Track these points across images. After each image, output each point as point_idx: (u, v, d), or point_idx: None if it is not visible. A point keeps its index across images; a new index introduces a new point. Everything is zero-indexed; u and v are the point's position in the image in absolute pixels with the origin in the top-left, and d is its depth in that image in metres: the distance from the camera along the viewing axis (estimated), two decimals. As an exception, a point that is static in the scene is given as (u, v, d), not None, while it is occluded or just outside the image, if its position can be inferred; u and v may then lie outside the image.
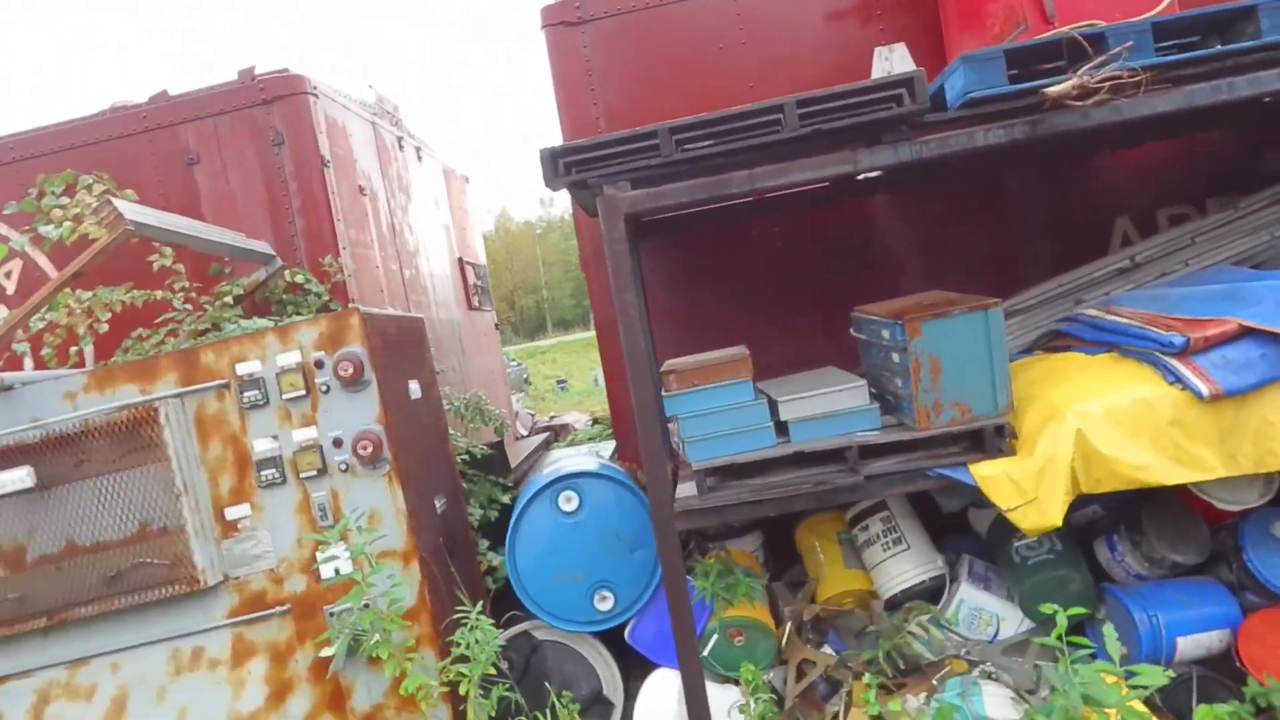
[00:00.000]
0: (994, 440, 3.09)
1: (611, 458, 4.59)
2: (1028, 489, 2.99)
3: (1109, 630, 2.67)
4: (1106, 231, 4.57)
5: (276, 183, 4.90)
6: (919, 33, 4.50)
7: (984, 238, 4.53)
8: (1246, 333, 3.03)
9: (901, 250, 4.57)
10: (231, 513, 3.41)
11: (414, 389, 3.88)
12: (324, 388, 3.40)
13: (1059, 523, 2.93)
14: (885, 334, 3.26)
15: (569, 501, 3.56)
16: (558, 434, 6.73)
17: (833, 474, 3.15)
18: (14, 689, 3.35)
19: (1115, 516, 3.66)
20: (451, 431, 4.42)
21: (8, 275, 4.98)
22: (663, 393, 3.29)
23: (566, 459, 4.42)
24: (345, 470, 3.41)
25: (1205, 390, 2.93)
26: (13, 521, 3.36)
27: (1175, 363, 3.04)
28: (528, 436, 7.45)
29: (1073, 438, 2.96)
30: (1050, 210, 4.54)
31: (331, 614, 3.37)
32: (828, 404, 3.24)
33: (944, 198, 4.52)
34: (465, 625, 3.26)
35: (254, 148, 4.91)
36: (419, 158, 6.84)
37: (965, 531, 4.18)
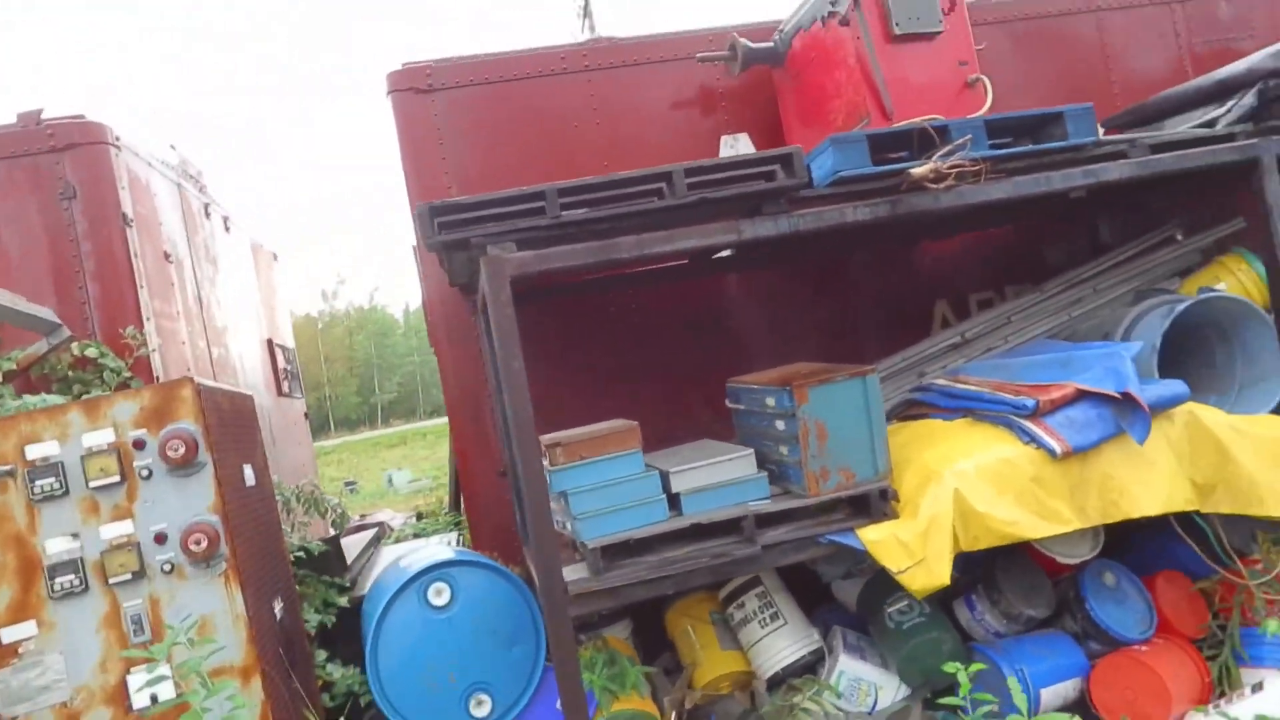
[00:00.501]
0: (879, 504, 3.16)
1: (461, 547, 4.23)
2: (915, 550, 3.05)
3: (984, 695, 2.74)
4: (928, 312, 4.98)
5: (65, 241, 4.23)
6: (760, 125, 4.78)
7: (823, 314, 4.78)
8: (1083, 396, 3.34)
9: (751, 323, 4.71)
10: (9, 634, 2.73)
11: (249, 474, 3.38)
12: (144, 472, 2.87)
13: (947, 581, 3.01)
14: (770, 401, 3.28)
15: (439, 595, 3.19)
16: (382, 531, 6.16)
17: (730, 545, 3.07)
18: None
19: (970, 577, 3.85)
20: (284, 527, 3.89)
21: None
22: (548, 467, 3.08)
23: (417, 551, 4.02)
24: (169, 571, 2.86)
25: (1058, 448, 3.18)
26: None
27: (1029, 424, 3.29)
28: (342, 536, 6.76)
29: (951, 496, 3.08)
30: (881, 289, 4.88)
31: (146, 752, 2.76)
32: (719, 473, 3.18)
33: (788, 274, 4.73)
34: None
35: (36, 200, 4.23)
36: (226, 228, 6.25)
37: (828, 602, 4.21)
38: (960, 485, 3.10)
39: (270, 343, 6.75)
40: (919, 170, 3.20)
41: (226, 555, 2.91)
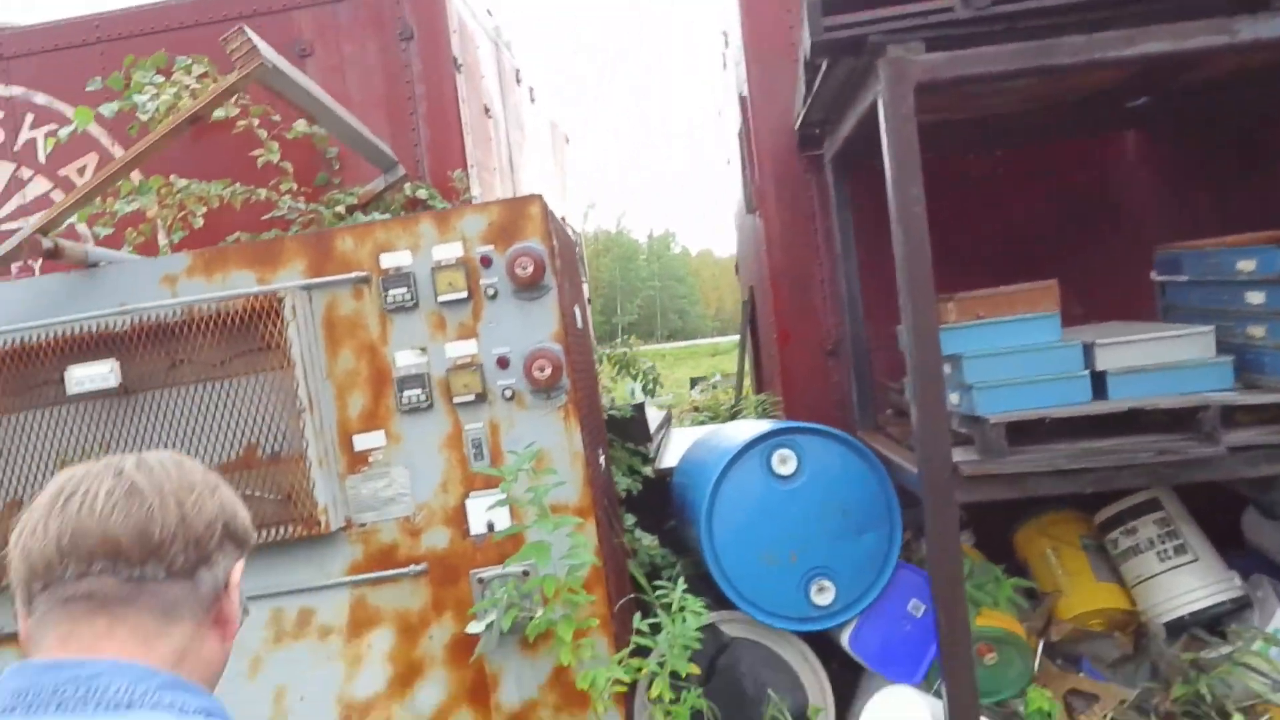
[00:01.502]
0: (1406, 411, 2.29)
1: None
2: None
3: None
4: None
5: (400, 84, 4.19)
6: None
7: (1252, 197, 3.73)
8: None
9: (1144, 201, 3.78)
10: (361, 441, 2.66)
11: (578, 316, 3.13)
12: (490, 292, 2.66)
13: None
14: (1246, 266, 2.47)
15: (784, 463, 2.78)
16: (670, 415, 5.94)
17: (1180, 442, 2.36)
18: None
19: None
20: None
21: (81, 171, 4.29)
22: (940, 325, 2.51)
23: (735, 427, 3.64)
24: (510, 398, 2.66)
25: None
26: (86, 429, 2.63)
27: None
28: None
29: None
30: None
31: (480, 580, 2.61)
32: (1162, 352, 2.46)
33: (1201, 143, 3.73)
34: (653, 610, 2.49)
35: (377, 41, 4.20)
36: (531, 98, 6.15)
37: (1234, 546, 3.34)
38: None
39: (564, 222, 6.67)
40: None
41: (568, 389, 2.66)
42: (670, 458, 4.25)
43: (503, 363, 2.66)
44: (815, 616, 2.78)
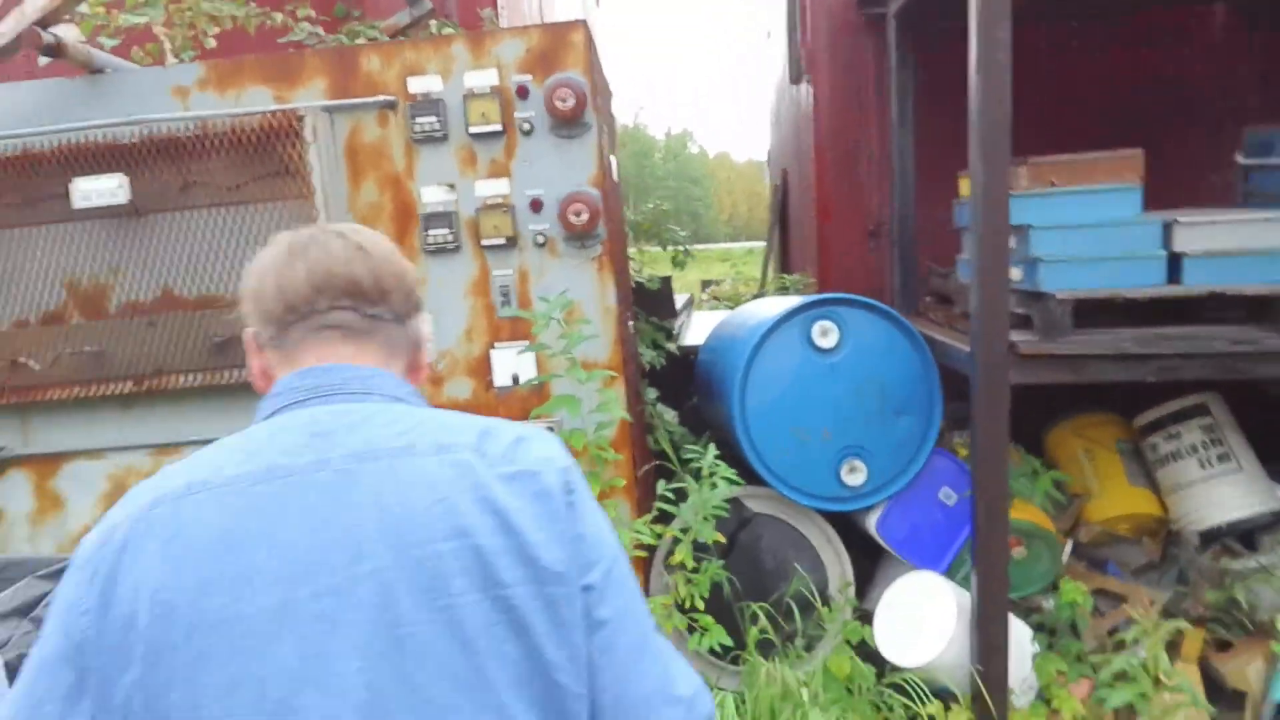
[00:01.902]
0: None
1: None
2: None
3: None
4: None
5: (430, -89, 3.85)
6: None
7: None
8: None
9: (1236, 83, 3.49)
10: (382, 281, 2.51)
11: (613, 166, 2.93)
12: (525, 126, 2.46)
13: None
14: (1355, 146, 2.26)
15: (825, 335, 2.64)
16: (691, 299, 5.77)
17: (1259, 333, 2.20)
18: (82, 470, 2.53)
19: None
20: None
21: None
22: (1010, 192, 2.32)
23: (764, 304, 3.49)
24: (542, 245, 2.49)
25: None
26: (95, 251, 2.48)
27: None
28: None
29: None
30: None
31: (502, 434, 2.51)
32: (1249, 237, 2.28)
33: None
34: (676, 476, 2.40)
35: None
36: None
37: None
38: None
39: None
40: None
41: (604, 238, 2.49)
42: (692, 339, 4.13)
43: (536, 205, 2.48)
44: (844, 497, 2.69)
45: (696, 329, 4.51)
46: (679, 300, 4.90)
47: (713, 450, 2.39)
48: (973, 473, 2.36)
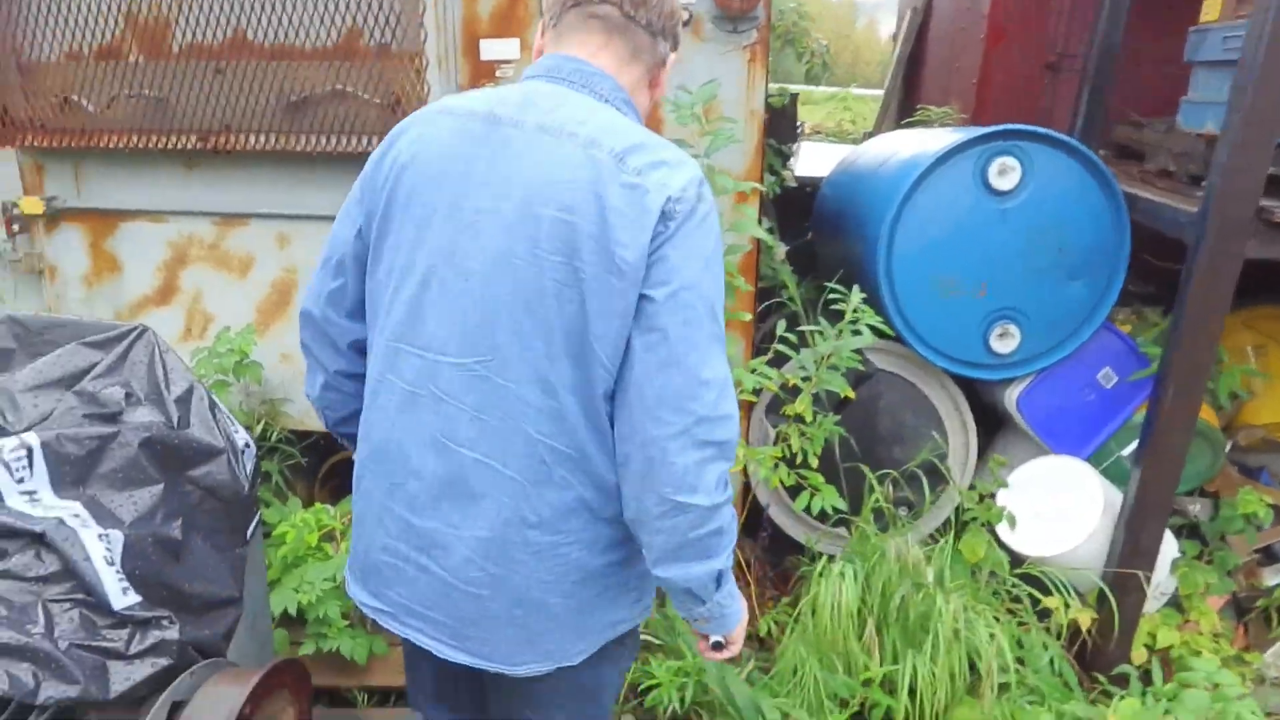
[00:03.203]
0: None
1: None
2: None
3: None
4: None
5: None
6: None
7: None
8: None
9: None
10: (490, 49, 2.11)
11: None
12: None
13: None
14: None
15: (1004, 175, 2.20)
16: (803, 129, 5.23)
17: None
18: (141, 232, 2.27)
19: None
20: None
21: None
22: None
23: (927, 134, 3.01)
24: (686, 22, 2.05)
25: None
26: (156, -26, 2.10)
27: None
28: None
29: None
30: None
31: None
32: None
33: None
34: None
35: None
36: None
37: None
38: None
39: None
40: None
41: (761, 23, 2.04)
42: (806, 170, 3.67)
43: (683, -29, 2.02)
44: (989, 364, 2.35)
45: (809, 161, 4.05)
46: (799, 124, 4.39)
47: (858, 294, 2.03)
48: (1166, 354, 1.99)
